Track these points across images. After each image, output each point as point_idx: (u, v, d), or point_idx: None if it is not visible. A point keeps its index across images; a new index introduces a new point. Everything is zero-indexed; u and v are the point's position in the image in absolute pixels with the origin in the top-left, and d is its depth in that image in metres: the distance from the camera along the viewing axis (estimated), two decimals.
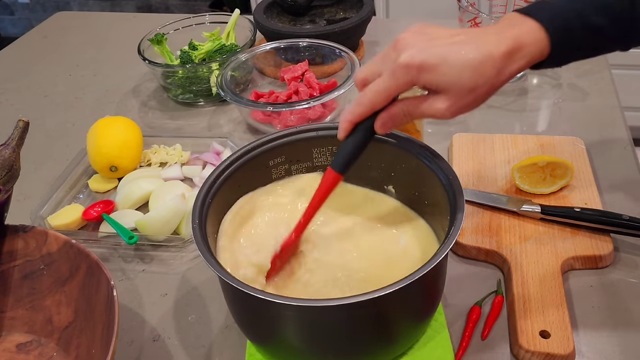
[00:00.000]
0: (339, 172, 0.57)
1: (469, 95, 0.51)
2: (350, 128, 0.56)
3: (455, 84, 0.50)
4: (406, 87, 0.52)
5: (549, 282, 0.64)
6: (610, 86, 1.00)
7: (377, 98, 0.53)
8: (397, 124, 0.54)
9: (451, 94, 0.51)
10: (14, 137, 0.61)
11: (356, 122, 0.55)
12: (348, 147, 0.56)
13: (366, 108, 0.54)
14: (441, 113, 0.52)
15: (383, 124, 0.54)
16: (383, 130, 0.55)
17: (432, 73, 0.50)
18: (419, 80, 0.51)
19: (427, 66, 0.50)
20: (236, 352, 0.62)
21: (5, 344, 0.63)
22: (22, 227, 0.64)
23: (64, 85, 1.18)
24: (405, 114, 0.54)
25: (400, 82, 0.51)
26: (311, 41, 1.04)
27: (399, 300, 0.51)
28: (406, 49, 0.50)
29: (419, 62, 0.50)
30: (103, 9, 3.10)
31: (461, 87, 0.50)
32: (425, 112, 0.53)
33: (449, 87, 0.50)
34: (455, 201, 0.55)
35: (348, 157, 0.56)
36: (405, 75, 0.51)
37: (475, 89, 0.50)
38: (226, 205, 0.63)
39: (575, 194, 0.75)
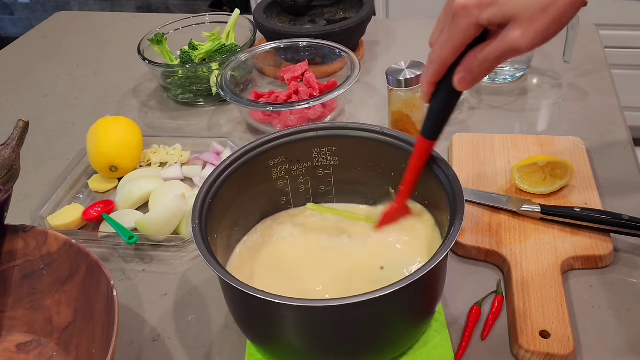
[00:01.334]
0: (430, 139, 0.55)
1: (543, 15, 0.45)
2: (432, 89, 0.53)
3: (524, 5, 0.45)
4: (471, 32, 0.48)
5: (549, 282, 0.64)
6: (610, 86, 1.00)
7: (444, 51, 0.49)
8: (476, 75, 0.50)
9: (523, 18, 0.45)
10: (14, 137, 0.61)
11: (435, 81, 0.52)
12: (435, 111, 0.54)
13: (437, 64, 0.51)
14: (517, 43, 0.46)
15: (460, 78, 0.50)
16: (463, 86, 0.51)
17: (494, 5, 0.45)
18: (481, 19, 0.46)
19: (487, 1, 0.46)
20: (236, 352, 0.62)
21: (5, 344, 0.63)
22: (22, 227, 0.64)
23: (64, 85, 1.18)
24: (480, 61, 0.49)
25: (462, 26, 0.47)
26: (311, 41, 1.04)
27: (399, 300, 0.51)
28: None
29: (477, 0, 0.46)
30: (103, 9, 3.10)
31: (532, 6, 0.45)
32: (499, 49, 0.47)
33: (518, 11, 0.45)
34: (455, 201, 0.55)
35: (437, 121, 0.54)
36: (466, 17, 0.47)
37: (549, 5, 0.45)
38: (226, 206, 0.63)
39: (575, 194, 0.75)
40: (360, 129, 0.66)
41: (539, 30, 0.45)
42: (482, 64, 0.49)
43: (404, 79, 0.80)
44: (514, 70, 1.03)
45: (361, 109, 1.01)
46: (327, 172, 0.70)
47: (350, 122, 0.67)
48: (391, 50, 1.19)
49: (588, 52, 1.09)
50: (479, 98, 1.00)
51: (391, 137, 0.64)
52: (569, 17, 0.46)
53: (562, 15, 0.45)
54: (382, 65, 1.13)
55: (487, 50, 0.48)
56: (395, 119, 0.85)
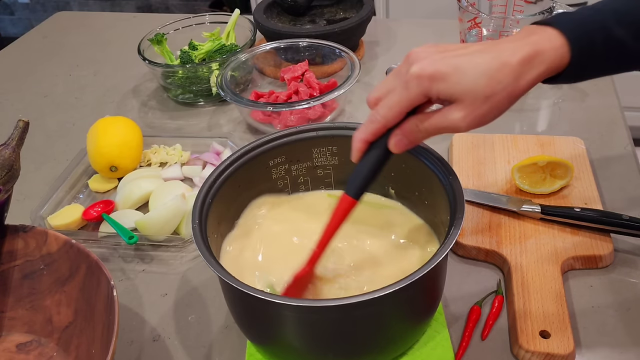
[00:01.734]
0: (355, 198, 0.54)
1: (485, 104, 0.48)
2: (364, 148, 0.53)
3: (470, 92, 0.48)
4: (419, 100, 0.50)
5: (549, 282, 0.64)
6: (610, 86, 1.00)
7: (390, 112, 0.51)
8: (412, 141, 0.52)
9: (466, 103, 0.48)
10: (14, 137, 0.61)
11: (369, 140, 0.53)
12: (363, 170, 0.54)
13: (379, 124, 0.52)
14: (456, 124, 0.49)
15: (397, 141, 0.52)
16: (397, 149, 0.52)
17: (445, 82, 0.48)
18: (431, 91, 0.49)
19: (440, 75, 0.48)
20: (236, 352, 0.62)
21: (5, 344, 0.63)
22: (22, 227, 0.64)
23: (64, 85, 1.18)
24: (419, 129, 0.51)
25: (413, 94, 0.49)
26: (311, 41, 1.04)
27: (399, 300, 0.51)
28: (418, 61, 0.49)
29: (430, 72, 0.48)
30: (103, 9, 3.10)
31: (476, 94, 0.48)
32: (439, 124, 0.50)
33: (464, 95, 0.48)
34: (455, 201, 0.55)
35: (363, 181, 0.54)
36: (418, 87, 0.49)
37: (491, 96, 0.48)
38: (226, 205, 0.63)
39: (575, 194, 0.75)
40: None
41: (478, 116, 0.49)
42: (420, 132, 0.51)
43: None
44: None
45: (361, 109, 1.01)
46: (327, 172, 0.70)
47: (350, 122, 0.67)
48: (391, 50, 1.19)
49: None
50: None
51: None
52: (506, 107, 0.50)
53: (500, 105, 0.49)
54: (382, 65, 1.13)
55: (428, 122, 0.51)
56: None
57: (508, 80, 0.48)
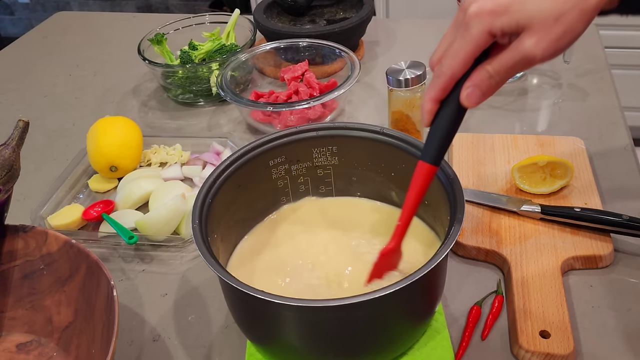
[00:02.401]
0: (433, 164, 0.51)
1: (556, 25, 0.45)
2: (435, 108, 0.49)
3: (537, 15, 0.44)
4: (484, 40, 0.46)
5: (549, 282, 0.64)
6: (610, 86, 1.00)
7: (455, 61, 0.47)
8: (486, 90, 0.48)
9: (536, 27, 0.45)
10: (14, 137, 0.61)
11: (439, 98, 0.49)
12: (438, 132, 0.50)
13: (446, 77, 0.48)
14: (531, 52, 0.45)
15: (469, 93, 0.48)
16: (471, 102, 0.48)
17: (508, 13, 0.45)
18: (494, 26, 0.45)
19: (501, 8, 0.45)
20: (236, 352, 0.62)
21: (5, 344, 0.63)
22: (22, 227, 0.64)
23: (64, 85, 1.18)
24: (491, 74, 0.47)
25: (476, 34, 0.46)
26: (311, 41, 1.04)
27: (399, 300, 0.51)
28: (475, 1, 0.46)
29: (490, 7, 0.45)
30: (103, 9, 3.10)
31: (545, 16, 0.44)
32: (512, 59, 0.46)
33: (531, 20, 0.45)
34: (455, 201, 0.55)
35: (439, 144, 0.50)
36: (480, 24, 0.45)
37: (561, 16, 0.45)
38: (226, 206, 0.63)
39: (575, 194, 0.75)
40: (360, 129, 0.66)
41: (552, 39, 0.45)
42: (493, 76, 0.47)
43: (404, 79, 0.80)
44: None
45: (361, 109, 1.01)
46: (327, 172, 0.70)
47: (350, 122, 0.67)
48: (391, 50, 1.19)
49: (588, 52, 1.09)
50: None
51: (391, 137, 0.64)
52: (581, 27, 0.46)
53: (574, 25, 0.45)
54: (382, 65, 1.13)
55: (497, 61, 0.47)
56: (395, 119, 0.85)
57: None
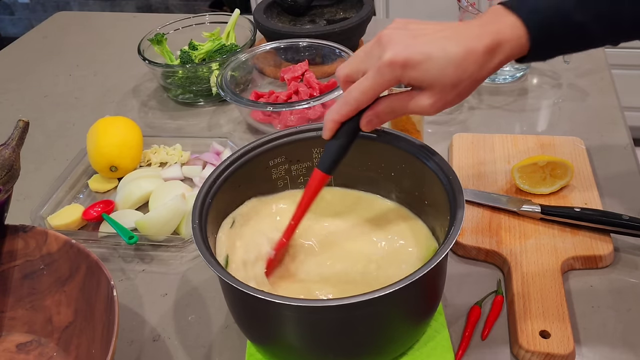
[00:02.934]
0: (326, 172, 0.57)
1: (452, 91, 0.51)
2: (336, 128, 0.56)
3: (439, 80, 0.50)
4: (391, 85, 0.52)
5: (549, 282, 0.64)
6: (610, 86, 1.00)
7: (363, 97, 0.53)
8: (383, 121, 0.55)
9: (435, 90, 0.51)
10: (14, 137, 0.61)
11: (342, 121, 0.55)
12: (334, 147, 0.56)
13: (352, 107, 0.54)
14: (426, 109, 0.52)
15: (369, 121, 0.55)
16: (368, 128, 0.55)
17: (417, 70, 0.50)
18: (403, 78, 0.51)
19: (412, 63, 0.50)
20: (236, 352, 0.62)
21: (5, 344, 0.63)
22: (22, 227, 0.64)
23: (64, 85, 1.18)
24: (390, 111, 0.54)
25: (386, 79, 0.51)
26: (311, 41, 1.04)
27: (399, 300, 0.51)
28: (390, 46, 0.51)
29: (403, 60, 0.50)
30: (103, 9, 3.10)
31: (445, 83, 0.51)
32: (409, 108, 0.53)
33: (433, 83, 0.51)
34: (455, 201, 0.55)
35: (335, 157, 0.57)
36: (391, 73, 0.51)
37: (458, 84, 0.51)
38: (226, 206, 0.63)
39: (575, 194, 0.75)
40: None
41: (445, 102, 0.52)
42: (390, 113, 0.54)
43: None
44: (514, 70, 1.03)
45: None
46: None
47: None
48: None
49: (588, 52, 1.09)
50: (479, 98, 1.00)
51: (391, 137, 0.64)
52: (470, 92, 0.53)
53: (465, 91, 0.52)
54: None
55: (398, 104, 0.54)
56: (395, 119, 0.85)
57: (473, 68, 0.51)
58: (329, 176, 0.57)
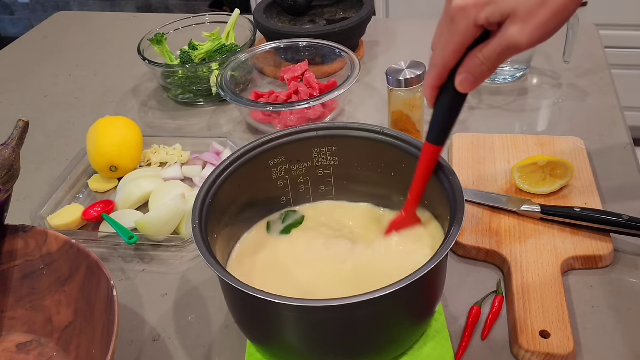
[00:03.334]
0: (436, 144, 0.54)
1: (541, 10, 0.45)
2: (435, 94, 0.53)
3: (521, 1, 0.45)
4: (470, 33, 0.48)
5: (549, 282, 0.64)
6: (610, 86, 1.00)
7: (445, 52, 0.50)
8: (478, 76, 0.50)
9: (521, 14, 0.45)
10: (14, 137, 0.61)
11: (437, 85, 0.52)
12: (439, 116, 0.53)
13: (438, 67, 0.51)
14: (516, 39, 0.46)
15: (462, 80, 0.50)
16: (464, 87, 0.51)
17: (491, 3, 0.46)
18: (479, 18, 0.47)
19: (484, 0, 0.46)
20: (236, 352, 0.62)
21: (5, 344, 0.63)
22: (22, 227, 0.64)
23: (64, 85, 1.18)
24: (480, 60, 0.49)
25: (462, 28, 0.48)
26: (311, 41, 1.04)
27: (399, 300, 0.51)
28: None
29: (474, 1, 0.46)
30: (103, 9, 3.10)
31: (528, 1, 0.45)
32: (499, 46, 0.47)
33: (515, 7, 0.45)
34: (455, 201, 0.55)
35: (442, 126, 0.54)
36: (465, 19, 0.47)
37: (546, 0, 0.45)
38: (226, 206, 0.63)
39: (575, 194, 0.75)
40: (360, 129, 0.66)
41: (537, 25, 0.45)
42: (483, 63, 0.49)
43: (404, 79, 0.80)
44: (514, 70, 1.03)
45: (361, 109, 1.01)
46: (327, 172, 0.70)
47: (350, 122, 0.67)
48: (391, 50, 1.19)
49: (588, 52, 1.09)
50: (479, 98, 1.00)
51: (391, 137, 0.64)
52: (568, 12, 0.46)
53: (561, 10, 0.45)
54: (382, 65, 1.13)
55: (486, 49, 0.48)
56: (395, 119, 0.85)
57: None
58: (440, 148, 0.55)
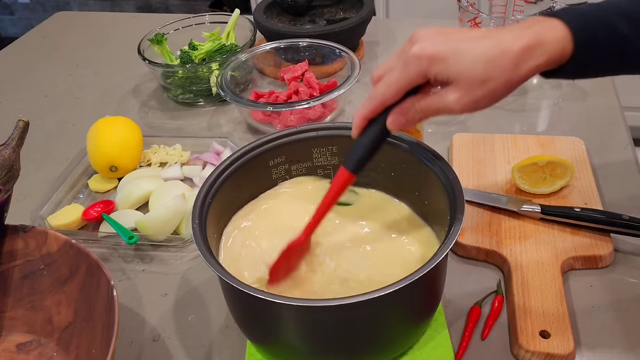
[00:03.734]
0: (352, 172, 0.55)
1: (481, 88, 0.49)
2: (364, 125, 0.54)
3: (467, 75, 0.48)
4: (417, 80, 0.51)
5: (549, 282, 0.64)
6: (610, 86, 1.00)
7: (388, 90, 0.52)
8: (409, 120, 0.52)
9: (462, 85, 0.49)
10: (14, 137, 0.61)
11: (369, 117, 0.54)
12: (361, 146, 0.55)
13: (377, 102, 0.53)
14: (451, 105, 0.50)
15: (394, 119, 0.53)
16: (394, 127, 0.53)
17: (443, 64, 0.49)
18: (429, 72, 0.50)
19: (439, 57, 0.49)
20: (236, 352, 0.62)
21: (5, 344, 0.63)
22: (22, 227, 0.64)
23: (64, 85, 1.18)
24: (416, 109, 0.52)
25: (411, 72, 0.50)
26: (311, 41, 1.04)
27: (399, 300, 0.51)
28: (420, 41, 0.50)
29: (430, 53, 0.49)
30: (103, 9, 3.10)
31: (472, 77, 0.48)
32: (434, 104, 0.51)
33: (460, 77, 0.49)
34: (455, 201, 0.55)
35: (362, 156, 0.55)
36: (416, 66, 0.50)
37: (487, 81, 0.48)
38: (226, 206, 0.63)
39: (575, 194, 0.75)
40: None
41: (472, 99, 0.49)
42: (417, 112, 0.52)
43: None
44: None
45: None
46: (327, 172, 0.70)
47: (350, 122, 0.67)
48: (391, 50, 1.19)
49: None
50: None
51: (391, 137, 0.64)
52: (501, 95, 0.50)
53: (496, 91, 0.49)
54: None
55: (424, 102, 0.51)
56: None
57: (506, 67, 0.48)
58: (354, 176, 0.56)
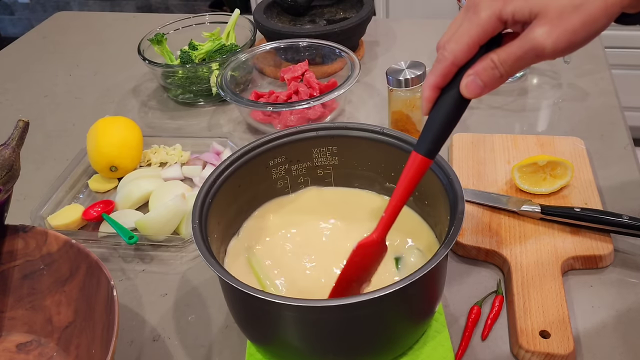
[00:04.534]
0: (425, 156, 0.46)
1: (575, 13, 0.39)
2: (435, 95, 0.45)
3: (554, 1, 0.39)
4: (491, 26, 0.42)
5: (549, 282, 0.64)
6: (610, 86, 1.00)
7: (458, 47, 0.42)
8: (489, 80, 0.43)
9: (551, 14, 0.39)
10: (14, 137, 0.61)
11: (440, 85, 0.45)
12: (434, 122, 0.45)
13: (447, 63, 0.43)
14: (542, 43, 0.40)
15: (469, 83, 0.43)
16: (470, 92, 0.44)
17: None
18: (505, 11, 0.41)
19: None
20: (236, 352, 0.62)
21: (5, 344, 0.63)
22: (22, 227, 0.64)
23: (64, 85, 1.18)
24: (496, 64, 0.42)
25: (483, 18, 0.41)
26: (311, 41, 1.04)
27: (399, 300, 0.51)
28: None
29: None
30: (103, 9, 3.10)
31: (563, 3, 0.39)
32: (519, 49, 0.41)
33: (546, 6, 0.39)
34: (456, 201, 0.55)
35: (435, 136, 0.46)
36: (489, 9, 0.41)
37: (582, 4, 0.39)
38: (226, 205, 0.63)
39: (575, 194, 0.75)
40: (360, 129, 0.66)
41: (567, 30, 0.40)
42: (498, 66, 0.43)
43: (404, 79, 0.80)
44: None
45: (361, 109, 1.01)
46: (327, 172, 0.70)
47: (350, 122, 0.67)
48: (391, 50, 1.19)
49: (588, 52, 1.09)
50: (479, 98, 1.00)
51: (391, 137, 0.64)
52: (603, 22, 0.40)
53: (594, 18, 0.40)
54: (382, 65, 1.13)
55: (505, 50, 0.42)
56: (395, 119, 0.85)
57: None
58: (429, 161, 0.47)
